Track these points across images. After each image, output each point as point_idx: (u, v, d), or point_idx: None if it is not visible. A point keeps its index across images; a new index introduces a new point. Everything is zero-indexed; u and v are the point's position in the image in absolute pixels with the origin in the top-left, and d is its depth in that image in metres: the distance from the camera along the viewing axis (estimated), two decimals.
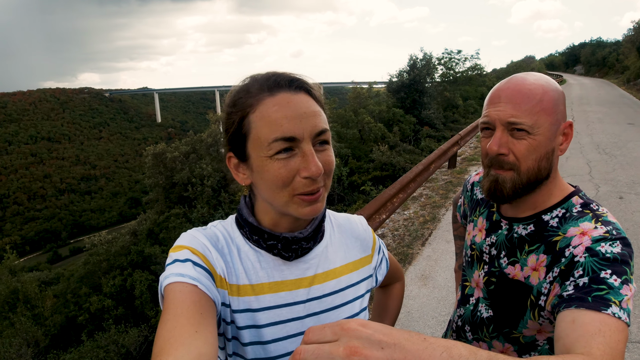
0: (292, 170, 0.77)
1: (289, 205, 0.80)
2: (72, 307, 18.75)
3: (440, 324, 3.51)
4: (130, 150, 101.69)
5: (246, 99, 0.80)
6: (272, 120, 0.76)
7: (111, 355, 11.42)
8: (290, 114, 0.76)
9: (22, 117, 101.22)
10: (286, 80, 0.80)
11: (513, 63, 63.01)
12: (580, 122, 14.19)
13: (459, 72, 32.48)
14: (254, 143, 0.78)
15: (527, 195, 1.05)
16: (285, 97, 0.78)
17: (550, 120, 0.99)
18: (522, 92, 0.98)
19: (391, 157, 17.85)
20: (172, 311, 0.70)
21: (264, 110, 0.77)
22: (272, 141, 0.76)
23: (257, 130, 0.77)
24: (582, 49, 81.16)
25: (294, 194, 0.79)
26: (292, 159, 0.77)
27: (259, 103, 0.78)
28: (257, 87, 0.80)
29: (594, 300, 0.81)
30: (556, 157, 1.04)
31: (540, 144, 0.99)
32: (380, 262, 1.10)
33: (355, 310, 0.98)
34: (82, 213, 76.90)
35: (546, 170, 1.02)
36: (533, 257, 1.03)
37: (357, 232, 1.05)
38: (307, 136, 0.77)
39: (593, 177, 7.53)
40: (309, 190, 0.78)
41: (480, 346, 1.19)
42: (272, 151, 0.76)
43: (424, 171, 6.38)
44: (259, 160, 0.78)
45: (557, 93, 1.00)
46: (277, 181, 0.77)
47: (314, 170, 0.76)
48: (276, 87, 0.79)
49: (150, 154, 22.15)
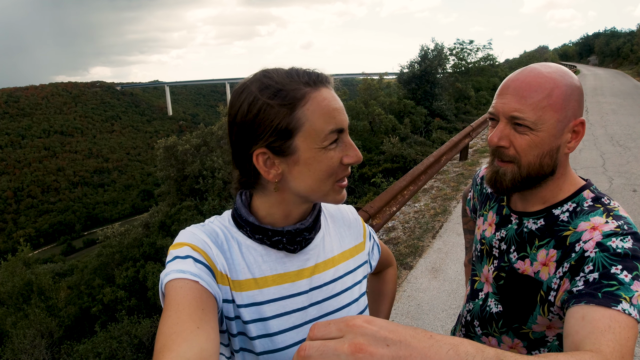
0: (339, 158, 0.82)
1: (329, 194, 0.85)
2: (86, 298, 19.03)
3: (450, 317, 3.50)
4: (142, 143, 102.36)
5: (290, 92, 0.79)
6: (326, 112, 0.80)
7: (124, 345, 11.57)
8: (338, 107, 0.82)
9: (35, 111, 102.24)
10: (323, 76, 0.84)
11: (526, 53, 62.02)
12: (594, 114, 13.98)
13: (471, 62, 32.06)
14: (307, 136, 0.80)
15: (532, 189, 1.04)
16: (327, 91, 0.83)
17: (557, 117, 0.95)
18: (531, 85, 0.95)
19: (402, 149, 17.77)
20: (173, 308, 0.71)
21: (316, 103, 0.80)
22: (328, 132, 0.80)
23: (312, 122, 0.79)
24: (596, 39, 79.66)
25: (335, 181, 0.84)
26: (338, 148, 0.83)
27: (308, 97, 0.80)
28: (299, 82, 0.81)
29: (604, 296, 0.80)
30: (563, 154, 1.00)
31: (543, 141, 0.96)
32: (372, 248, 1.14)
33: (355, 295, 1.00)
34: (96, 205, 77.73)
35: (549, 167, 0.99)
36: (543, 252, 1.01)
37: (349, 221, 1.08)
38: (347, 127, 0.84)
39: (607, 170, 7.43)
40: (345, 175, 0.85)
41: (489, 341, 1.18)
42: (327, 142, 0.80)
43: (435, 163, 6.34)
44: (310, 152, 0.80)
45: (571, 88, 0.95)
46: (328, 170, 0.82)
47: (358, 156, 0.84)
48: (319, 82, 0.83)
49: (161, 147, 22.28)
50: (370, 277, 1.30)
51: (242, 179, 0.88)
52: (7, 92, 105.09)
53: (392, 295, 1.31)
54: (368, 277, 1.21)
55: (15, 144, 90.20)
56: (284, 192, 0.86)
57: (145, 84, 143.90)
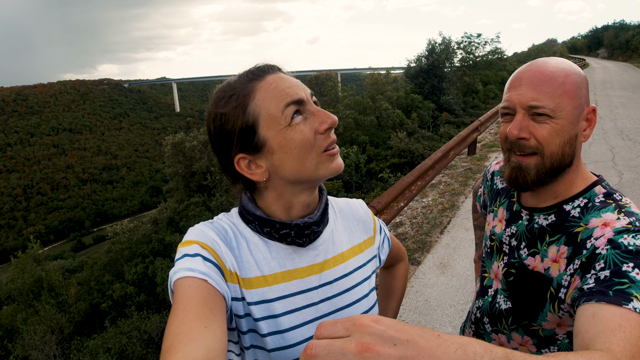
0: (311, 129, 0.82)
1: (319, 167, 0.83)
2: (96, 294, 19.25)
3: (458, 313, 3.49)
4: (150, 139, 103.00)
5: (239, 93, 0.83)
6: (276, 93, 0.81)
7: (133, 341, 11.69)
8: (287, 85, 0.83)
9: (44, 109, 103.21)
10: (266, 66, 0.86)
11: (534, 46, 61.57)
12: (604, 107, 13.84)
13: (479, 56, 31.93)
14: (268, 121, 0.81)
15: (548, 183, 1.03)
16: (274, 76, 0.84)
17: (573, 104, 0.96)
18: (544, 75, 0.95)
19: (409, 143, 17.74)
20: (181, 306, 0.71)
21: (263, 90, 0.82)
22: (284, 108, 0.80)
23: (266, 108, 0.81)
24: (605, 31, 78.94)
25: (320, 152, 0.83)
26: (307, 121, 0.82)
27: (254, 89, 0.83)
28: (244, 81, 0.84)
29: (615, 294, 0.78)
30: (579, 143, 1.00)
31: (563, 129, 0.95)
32: (382, 242, 1.13)
33: (365, 291, 0.99)
34: (105, 202, 78.41)
35: (569, 157, 0.99)
36: (554, 248, 1.00)
37: (359, 215, 1.07)
38: (307, 99, 0.84)
39: (616, 164, 7.36)
40: (331, 142, 0.84)
41: (499, 338, 1.17)
42: (288, 117, 0.80)
43: (442, 158, 6.31)
44: (279, 134, 0.81)
45: (580, 77, 0.97)
46: (305, 143, 0.81)
47: (331, 118, 0.83)
48: (262, 73, 0.84)
49: (169, 144, 22.40)
50: (380, 272, 1.29)
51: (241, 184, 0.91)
52: (16, 90, 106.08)
53: (402, 292, 1.30)
54: (378, 271, 1.20)
55: (25, 142, 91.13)
56: (277, 186, 0.87)
57: (152, 81, 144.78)
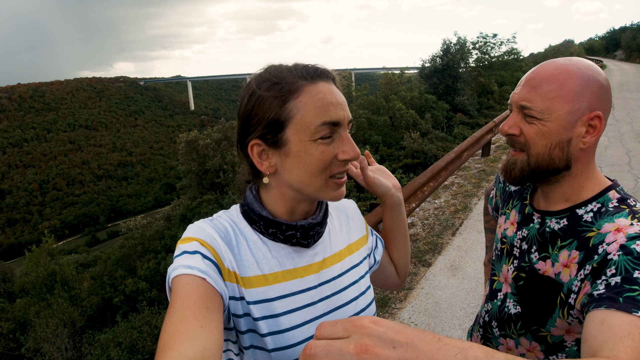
0: (332, 154, 0.82)
1: (322, 190, 0.84)
2: (108, 289, 19.48)
3: (468, 316, 3.46)
4: (164, 137, 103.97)
5: (285, 85, 0.81)
6: (319, 105, 0.80)
7: (144, 335, 11.81)
8: (334, 101, 0.82)
9: (60, 105, 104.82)
10: (323, 71, 0.85)
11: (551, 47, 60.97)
12: (620, 110, 13.64)
13: (495, 56, 31.58)
14: (298, 128, 0.81)
15: (551, 185, 1.03)
16: (325, 85, 0.83)
17: (568, 108, 0.93)
18: (543, 76, 0.96)
19: (423, 144, 17.64)
20: (178, 304, 0.71)
21: (310, 96, 0.81)
22: (319, 125, 0.80)
23: (303, 115, 0.80)
24: (622, 33, 77.79)
25: (329, 177, 0.83)
26: (332, 144, 0.82)
27: (302, 89, 0.81)
28: (296, 75, 0.82)
29: (625, 301, 0.76)
30: (577, 149, 0.97)
31: (551, 131, 0.96)
32: (375, 243, 1.14)
33: (362, 289, 1.00)
34: (119, 198, 79.37)
35: (562, 161, 0.98)
36: (565, 253, 0.98)
37: (352, 214, 1.09)
38: (345, 123, 0.84)
39: (632, 168, 7.24)
40: (342, 171, 0.84)
41: (507, 343, 1.16)
42: (317, 135, 0.80)
43: (456, 159, 6.27)
44: (300, 144, 0.81)
45: (588, 80, 0.93)
46: (319, 164, 0.81)
47: (354, 153, 0.83)
48: (316, 77, 0.83)
49: (183, 141, 22.58)
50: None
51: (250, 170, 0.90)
52: (33, 87, 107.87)
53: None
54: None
55: (41, 138, 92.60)
56: (281, 186, 0.87)
57: (167, 79, 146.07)
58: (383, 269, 1.18)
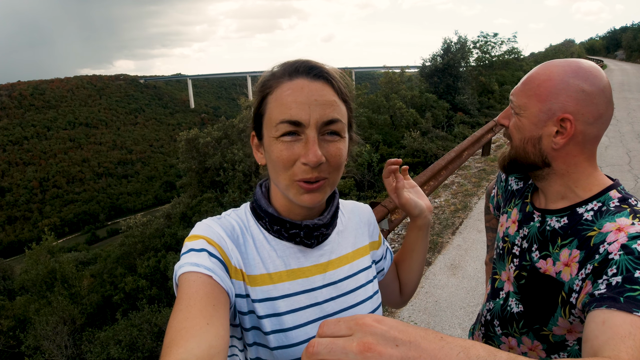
0: (293, 154, 0.79)
1: (289, 190, 0.82)
2: (108, 286, 19.45)
3: (468, 315, 3.46)
4: (165, 135, 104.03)
5: (268, 81, 0.83)
6: (283, 102, 0.79)
7: (144, 333, 11.79)
8: (300, 100, 0.78)
9: (60, 103, 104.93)
10: (306, 67, 0.82)
11: (552, 47, 60.68)
12: (621, 110, 13.61)
13: (495, 56, 31.50)
14: (266, 123, 0.82)
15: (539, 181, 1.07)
16: (301, 82, 0.80)
17: (540, 107, 0.98)
18: (531, 74, 1.02)
19: (423, 143, 17.59)
20: (184, 301, 0.71)
21: (279, 92, 0.81)
22: (278, 122, 0.79)
23: (270, 111, 0.81)
24: (623, 33, 77.55)
25: (293, 179, 0.80)
26: (296, 144, 0.79)
27: (277, 86, 0.82)
28: (280, 72, 0.83)
29: (626, 301, 0.77)
30: (549, 147, 0.99)
31: (524, 127, 1.02)
32: (386, 253, 1.13)
33: (369, 293, 0.99)
34: (119, 196, 79.44)
35: (537, 157, 1.02)
36: (566, 252, 0.98)
37: (366, 218, 1.08)
38: (313, 123, 0.78)
39: (633, 168, 7.24)
40: (308, 177, 0.79)
41: (509, 342, 1.16)
42: (278, 132, 0.79)
43: (456, 158, 6.26)
44: (268, 140, 0.82)
45: (566, 84, 0.94)
46: (279, 162, 0.80)
47: (311, 157, 0.77)
48: (295, 73, 0.81)
49: (183, 140, 22.53)
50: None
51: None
52: (33, 84, 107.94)
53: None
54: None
55: (41, 136, 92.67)
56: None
57: (168, 77, 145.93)
58: (386, 284, 1.15)
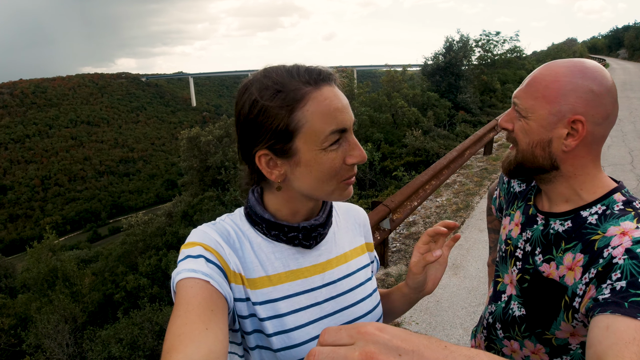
0: (341, 159, 0.81)
1: (333, 193, 0.84)
2: (109, 285, 19.50)
3: (469, 315, 3.45)
4: (166, 133, 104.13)
5: (289, 93, 0.78)
6: (327, 113, 0.78)
7: (145, 332, 11.80)
8: (339, 107, 0.80)
9: (62, 101, 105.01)
10: (325, 73, 0.82)
11: (554, 45, 60.49)
12: (623, 109, 13.55)
13: (497, 54, 31.45)
14: (307, 137, 0.79)
15: (545, 184, 1.05)
16: (329, 90, 0.81)
17: (549, 109, 0.95)
18: (536, 76, 0.98)
19: (425, 142, 17.56)
20: (183, 307, 0.71)
21: (316, 103, 0.78)
22: (329, 133, 0.78)
23: (311, 123, 0.78)
24: (625, 32, 77.39)
25: (340, 181, 0.83)
26: (340, 148, 0.81)
27: (307, 97, 0.78)
28: (299, 81, 0.79)
29: (630, 306, 0.76)
30: (559, 150, 0.97)
31: (532, 130, 0.99)
32: (375, 260, 1.13)
33: (368, 291, 1.00)
34: (121, 194, 79.54)
35: (545, 160, 0.99)
36: (569, 256, 0.97)
37: (360, 219, 1.09)
38: (350, 126, 0.82)
39: (635, 167, 7.21)
40: (352, 174, 0.84)
41: (511, 345, 1.15)
42: (327, 143, 0.79)
43: (458, 157, 6.26)
44: (311, 153, 0.79)
45: (575, 85, 0.92)
46: (331, 171, 0.81)
47: (362, 156, 0.82)
48: (320, 81, 0.80)
49: (184, 138, 22.55)
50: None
51: (252, 175, 0.90)
52: (35, 83, 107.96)
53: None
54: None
55: (43, 134, 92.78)
56: (289, 191, 0.87)
57: (169, 75, 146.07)
58: None
